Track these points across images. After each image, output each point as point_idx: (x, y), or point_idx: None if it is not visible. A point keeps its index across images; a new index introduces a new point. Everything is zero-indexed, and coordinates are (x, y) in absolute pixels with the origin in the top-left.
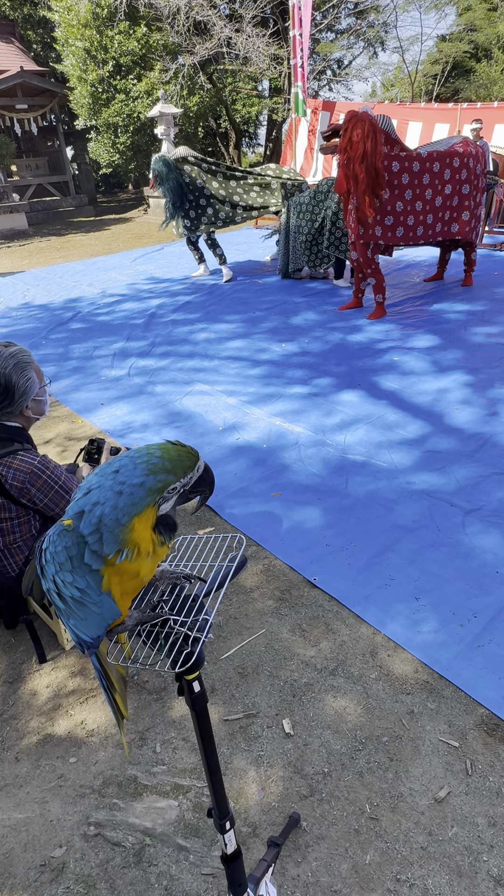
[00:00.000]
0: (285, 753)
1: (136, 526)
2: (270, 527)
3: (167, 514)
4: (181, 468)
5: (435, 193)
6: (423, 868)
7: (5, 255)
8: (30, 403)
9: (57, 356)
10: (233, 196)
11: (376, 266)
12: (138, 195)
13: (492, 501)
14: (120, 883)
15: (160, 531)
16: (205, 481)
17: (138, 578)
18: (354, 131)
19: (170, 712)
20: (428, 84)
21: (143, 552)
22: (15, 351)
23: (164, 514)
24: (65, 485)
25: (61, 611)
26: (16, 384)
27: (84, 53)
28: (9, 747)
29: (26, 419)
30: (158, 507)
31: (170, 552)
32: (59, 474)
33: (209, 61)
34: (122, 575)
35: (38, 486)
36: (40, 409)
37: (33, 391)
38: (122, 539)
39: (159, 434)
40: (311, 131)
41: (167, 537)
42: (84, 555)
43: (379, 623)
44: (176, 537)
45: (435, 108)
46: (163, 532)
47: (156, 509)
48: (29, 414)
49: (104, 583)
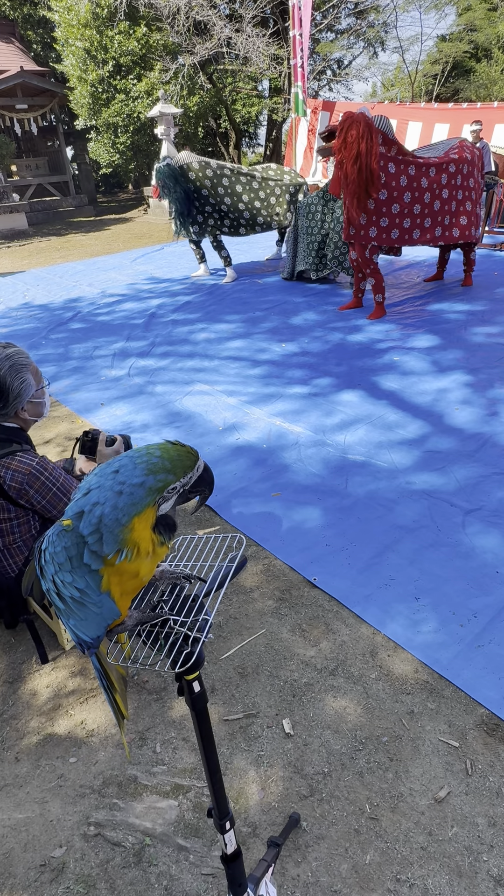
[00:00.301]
0: (285, 753)
1: (136, 526)
2: (270, 527)
3: (167, 514)
4: (181, 468)
5: (433, 198)
6: (423, 868)
7: (5, 255)
8: (25, 405)
9: (57, 356)
10: (238, 204)
11: (375, 266)
12: (138, 195)
13: (492, 501)
14: (120, 883)
15: (160, 531)
16: (204, 481)
17: (138, 578)
18: (350, 132)
19: (170, 712)
20: (428, 84)
21: (143, 552)
22: (12, 353)
23: (163, 514)
24: (63, 486)
25: (61, 611)
26: (10, 386)
27: (84, 53)
28: (9, 747)
29: (23, 420)
30: (158, 506)
31: (170, 552)
32: (58, 476)
33: (209, 61)
34: (122, 575)
35: (37, 487)
36: (37, 410)
37: (28, 393)
38: (122, 539)
39: (159, 434)
40: (310, 131)
41: (167, 537)
42: (83, 555)
43: (379, 623)
44: (176, 537)
45: (435, 108)
46: (162, 532)
47: (156, 509)
48: (25, 416)
49: (103, 583)
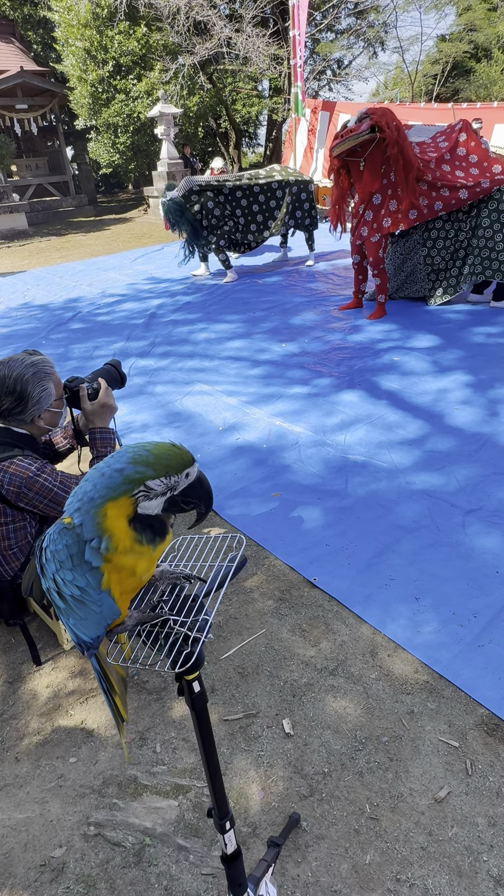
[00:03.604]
0: (285, 753)
1: (109, 512)
2: (270, 527)
3: (155, 517)
4: (163, 466)
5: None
6: (423, 868)
7: (5, 255)
8: (43, 414)
9: (57, 356)
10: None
11: (383, 266)
12: (138, 195)
13: (492, 501)
14: (120, 883)
15: (137, 528)
16: (196, 492)
17: (136, 577)
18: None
19: (170, 712)
20: (428, 84)
21: (121, 546)
22: (38, 360)
23: (147, 514)
24: (63, 484)
25: (61, 610)
26: (30, 393)
27: (84, 53)
28: (9, 747)
29: (38, 428)
30: (137, 500)
31: (170, 552)
32: (57, 478)
33: (209, 61)
34: (121, 572)
35: (36, 489)
36: (54, 420)
37: (47, 402)
38: (97, 523)
39: (159, 434)
40: (310, 131)
41: (146, 538)
42: (84, 552)
43: (379, 623)
44: (175, 538)
45: (434, 108)
46: (140, 531)
47: (133, 501)
48: (41, 424)
49: (104, 581)
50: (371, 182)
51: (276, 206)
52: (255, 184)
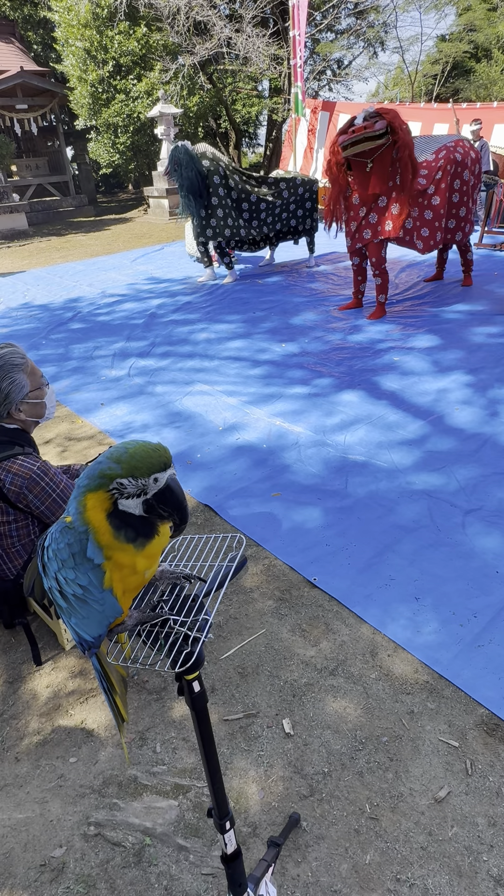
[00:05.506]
0: (285, 753)
1: (88, 503)
2: (270, 527)
3: (140, 517)
4: (130, 467)
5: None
6: (423, 868)
7: (5, 255)
8: (21, 406)
9: (57, 356)
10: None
11: (385, 266)
12: (138, 195)
13: (492, 501)
14: (120, 883)
15: (115, 525)
16: (168, 500)
17: (138, 575)
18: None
19: (170, 712)
20: (428, 84)
21: (102, 540)
22: (4, 353)
23: (129, 512)
24: (63, 493)
25: (63, 609)
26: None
27: (84, 53)
28: (9, 747)
29: (22, 422)
30: (113, 496)
31: (170, 552)
32: (58, 481)
33: (209, 61)
34: (122, 570)
35: (36, 492)
36: (37, 411)
37: (19, 394)
38: (80, 512)
39: (159, 434)
40: (310, 131)
41: (127, 536)
42: (87, 550)
43: (379, 623)
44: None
45: (434, 108)
46: (120, 528)
47: (108, 497)
48: (23, 416)
49: (106, 579)
50: (377, 184)
51: (281, 204)
52: (262, 181)
